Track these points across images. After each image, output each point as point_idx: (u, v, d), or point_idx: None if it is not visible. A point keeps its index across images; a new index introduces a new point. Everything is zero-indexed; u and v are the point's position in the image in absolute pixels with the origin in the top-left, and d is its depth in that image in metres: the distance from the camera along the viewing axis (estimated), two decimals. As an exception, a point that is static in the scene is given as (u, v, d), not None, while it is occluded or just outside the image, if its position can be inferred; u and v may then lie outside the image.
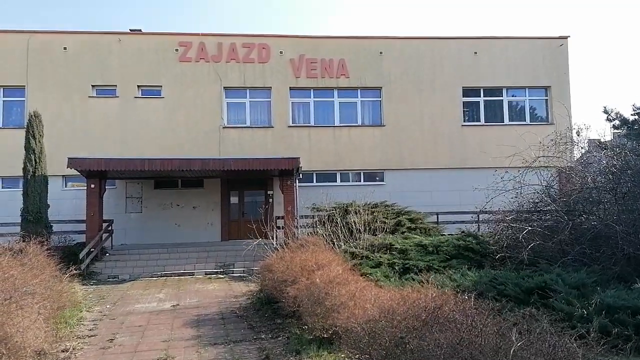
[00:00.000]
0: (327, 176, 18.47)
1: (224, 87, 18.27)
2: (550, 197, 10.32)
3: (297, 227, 13.35)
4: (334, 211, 12.64)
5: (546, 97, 19.66)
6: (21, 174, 14.11)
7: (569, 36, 19.72)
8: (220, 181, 17.84)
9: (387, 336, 3.98)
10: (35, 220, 13.53)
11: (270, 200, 17.61)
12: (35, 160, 14.03)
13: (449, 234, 12.45)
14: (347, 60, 18.77)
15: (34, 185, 13.87)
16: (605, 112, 12.34)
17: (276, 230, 13.87)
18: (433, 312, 3.90)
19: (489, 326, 3.24)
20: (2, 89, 17.52)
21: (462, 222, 14.98)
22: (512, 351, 2.84)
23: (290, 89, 18.60)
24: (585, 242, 8.71)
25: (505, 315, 3.97)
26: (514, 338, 2.97)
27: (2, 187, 17.08)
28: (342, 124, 18.76)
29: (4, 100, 17.58)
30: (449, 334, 3.26)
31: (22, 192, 14.07)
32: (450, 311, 3.92)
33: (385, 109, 18.86)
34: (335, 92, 18.90)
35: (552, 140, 11.27)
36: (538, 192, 10.57)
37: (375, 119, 19.08)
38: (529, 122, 19.42)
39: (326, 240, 10.58)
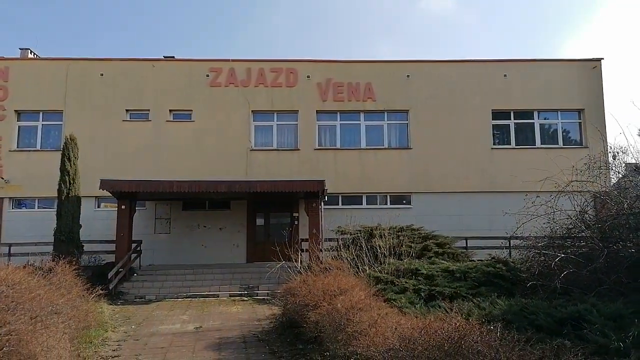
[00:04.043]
0: (352, 199, 18.38)
1: (252, 111, 18.60)
2: (584, 223, 9.90)
3: (321, 250, 13.25)
4: (358, 234, 12.49)
5: (580, 120, 19.17)
6: (56, 194, 14.58)
7: (603, 58, 19.28)
8: (246, 203, 18.00)
9: (407, 367, 3.83)
10: (67, 240, 13.90)
11: (296, 222, 17.60)
12: (69, 181, 14.48)
13: (478, 260, 12.08)
14: (374, 83, 18.85)
15: (67, 205, 14.28)
16: (642, 135, 11.85)
17: (301, 253, 13.79)
18: (456, 343, 3.74)
19: (513, 359, 3.08)
20: (41, 114, 18.35)
21: (492, 247, 14.53)
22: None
23: (317, 112, 18.78)
24: (622, 271, 8.28)
25: (533, 347, 3.76)
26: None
27: (38, 207, 17.72)
28: (368, 147, 18.73)
29: (43, 124, 18.39)
30: (471, 366, 3.12)
31: (55, 212, 14.51)
32: (474, 342, 3.74)
33: (412, 131, 18.76)
34: (362, 115, 18.96)
35: (585, 164, 10.88)
36: (572, 218, 10.16)
37: (402, 142, 18.98)
38: (562, 146, 18.92)
39: (350, 264, 10.44)
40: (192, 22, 77.66)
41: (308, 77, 18.79)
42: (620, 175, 11.92)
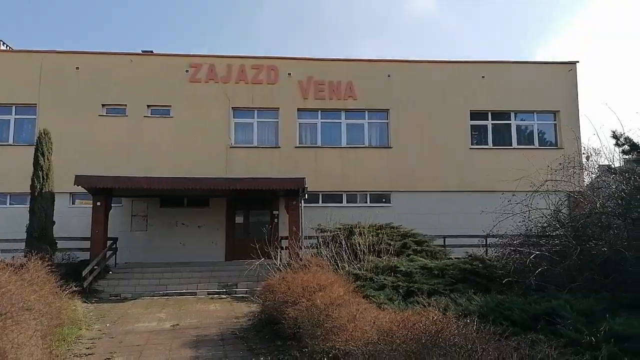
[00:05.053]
0: (333, 197, 18.40)
1: (233, 108, 18.46)
2: (558, 222, 10.12)
3: (301, 247, 13.22)
4: (338, 232, 12.50)
5: (555, 122, 19.60)
6: (29, 190, 14.18)
7: (578, 61, 19.75)
8: (226, 200, 17.83)
9: (386, 360, 3.85)
10: (40, 236, 13.52)
11: (276, 220, 17.52)
12: (43, 177, 14.10)
13: (455, 258, 12.24)
14: (355, 82, 18.91)
15: (40, 202, 13.91)
16: (614, 136, 12.11)
17: (280, 251, 13.73)
18: (433, 336, 3.77)
19: (490, 351, 3.12)
20: (14, 107, 17.84)
21: (469, 245, 14.78)
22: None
23: (298, 110, 18.74)
24: (594, 268, 8.48)
25: (508, 340, 3.82)
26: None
27: (10, 204, 17.23)
28: (349, 145, 18.79)
29: (15, 118, 17.89)
30: (448, 358, 3.14)
31: (28, 208, 14.12)
32: (452, 335, 3.79)
33: (392, 130, 18.89)
34: (343, 114, 19.00)
35: (560, 164, 11.12)
36: (546, 217, 10.38)
37: (383, 141, 19.09)
38: (537, 146, 19.33)
39: (330, 262, 10.44)
40: (169, 17, 76.69)
41: (289, 74, 18.73)
42: (594, 176, 12.24)
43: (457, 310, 7.10)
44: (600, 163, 11.89)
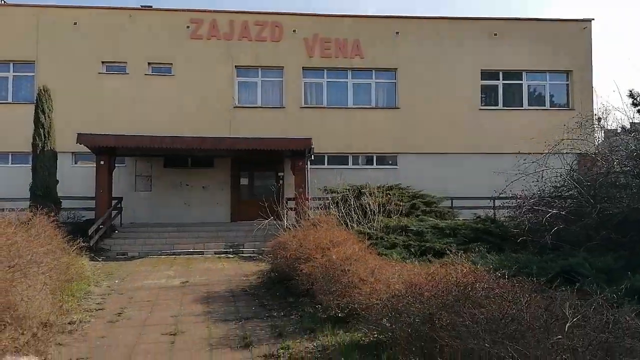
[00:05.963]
0: (338, 159, 18.10)
1: (236, 66, 17.91)
2: (574, 181, 9.91)
3: (309, 207, 13.07)
4: (347, 192, 12.32)
5: (567, 82, 19.05)
6: (30, 149, 13.91)
7: (593, 19, 19.03)
8: (230, 161, 17.56)
9: (414, 313, 3.68)
10: (44, 195, 13.32)
11: (281, 181, 17.30)
12: (44, 135, 13.81)
13: (463, 219, 12.10)
14: (362, 40, 18.27)
15: (42, 160, 13.67)
16: (631, 95, 11.79)
17: (287, 211, 13.59)
18: (465, 288, 3.59)
19: (538, 300, 2.93)
20: (12, 64, 17.31)
21: (477, 207, 14.64)
22: (567, 326, 2.53)
23: (303, 68, 18.19)
24: (611, 227, 8.33)
25: (548, 293, 3.65)
26: (567, 313, 2.66)
27: (12, 163, 16.97)
28: (355, 106, 18.34)
29: (14, 75, 17.39)
30: (488, 309, 2.96)
31: (31, 167, 13.89)
32: (483, 288, 3.60)
33: (400, 91, 18.39)
34: (349, 73, 18.46)
35: (576, 122, 10.84)
36: (561, 176, 10.16)
37: (390, 101, 18.63)
38: (548, 107, 18.89)
39: (339, 221, 10.30)
40: (169, -25, 74.06)
41: (294, 31, 18.08)
42: (603, 138, 12.02)
43: (473, 269, 6.99)
44: (615, 123, 11.63)
